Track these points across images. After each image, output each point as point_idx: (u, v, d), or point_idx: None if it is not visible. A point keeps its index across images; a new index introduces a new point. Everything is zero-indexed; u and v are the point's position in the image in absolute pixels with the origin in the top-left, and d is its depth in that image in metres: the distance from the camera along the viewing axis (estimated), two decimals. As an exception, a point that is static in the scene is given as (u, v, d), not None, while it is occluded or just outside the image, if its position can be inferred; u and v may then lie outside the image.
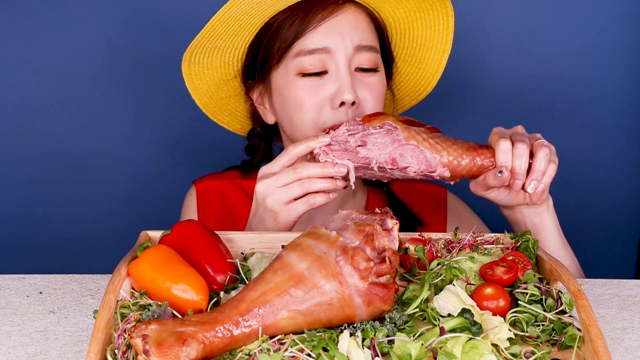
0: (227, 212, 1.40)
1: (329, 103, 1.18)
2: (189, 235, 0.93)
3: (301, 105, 1.19)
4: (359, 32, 1.20)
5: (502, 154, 1.05)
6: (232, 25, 1.19)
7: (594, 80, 1.74)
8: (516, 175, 1.05)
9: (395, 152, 1.06)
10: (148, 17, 1.70)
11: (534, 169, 1.04)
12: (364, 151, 1.06)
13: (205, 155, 1.79)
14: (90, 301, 1.00)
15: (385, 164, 1.06)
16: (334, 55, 1.18)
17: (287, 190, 1.08)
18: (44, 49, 1.70)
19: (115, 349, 0.76)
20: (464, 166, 1.07)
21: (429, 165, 1.06)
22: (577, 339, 0.82)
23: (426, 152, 1.06)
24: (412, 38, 1.30)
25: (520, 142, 1.05)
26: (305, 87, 1.19)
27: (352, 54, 1.18)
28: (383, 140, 1.06)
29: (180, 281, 0.84)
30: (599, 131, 1.77)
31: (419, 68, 1.34)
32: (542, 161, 1.04)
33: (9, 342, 0.90)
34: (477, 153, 1.07)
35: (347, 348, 0.76)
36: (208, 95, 1.33)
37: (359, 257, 0.80)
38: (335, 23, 1.18)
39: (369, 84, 1.20)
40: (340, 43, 1.18)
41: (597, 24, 1.71)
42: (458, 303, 0.85)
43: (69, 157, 1.78)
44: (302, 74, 1.19)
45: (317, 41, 1.18)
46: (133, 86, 1.74)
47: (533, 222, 1.15)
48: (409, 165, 1.06)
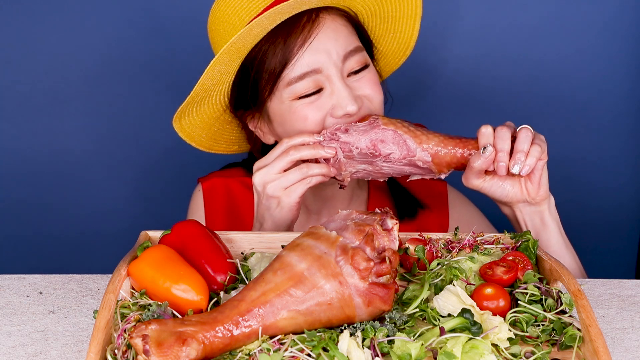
0: (233, 209, 1.40)
1: (330, 115, 1.18)
2: (189, 235, 0.93)
3: (305, 124, 1.19)
4: (342, 41, 1.19)
5: (484, 138, 1.07)
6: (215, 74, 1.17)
7: (594, 80, 1.74)
8: (498, 157, 1.06)
9: (375, 137, 1.10)
10: (148, 17, 1.70)
11: (516, 149, 1.06)
12: (344, 136, 1.11)
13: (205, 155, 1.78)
14: (90, 301, 1.00)
15: (367, 149, 1.10)
16: (325, 72, 1.17)
17: (286, 176, 1.11)
18: (44, 49, 1.70)
19: (115, 349, 0.76)
20: (447, 152, 1.09)
21: (409, 149, 1.10)
22: (577, 339, 0.82)
23: (405, 137, 1.10)
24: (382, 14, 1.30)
25: (502, 126, 1.07)
26: (304, 106, 1.18)
27: (342, 64, 1.18)
28: (364, 127, 1.11)
29: (180, 281, 0.84)
30: (599, 131, 1.77)
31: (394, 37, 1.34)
32: (524, 142, 1.05)
33: (9, 342, 0.90)
34: (460, 142, 1.10)
35: (347, 348, 0.76)
36: (202, 134, 1.34)
37: (359, 257, 0.80)
38: (317, 42, 1.17)
39: (363, 80, 1.21)
40: (326, 60, 1.17)
41: (597, 24, 1.71)
42: (458, 303, 0.85)
43: (69, 157, 1.78)
44: (298, 97, 1.18)
45: (305, 65, 1.16)
46: (133, 86, 1.74)
47: (534, 222, 1.15)
48: (391, 151, 1.10)
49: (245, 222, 1.39)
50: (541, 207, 1.14)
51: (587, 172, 1.80)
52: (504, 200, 1.14)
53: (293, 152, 1.11)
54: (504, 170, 1.07)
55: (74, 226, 1.82)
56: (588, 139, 1.78)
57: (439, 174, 1.12)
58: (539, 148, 1.06)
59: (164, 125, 1.78)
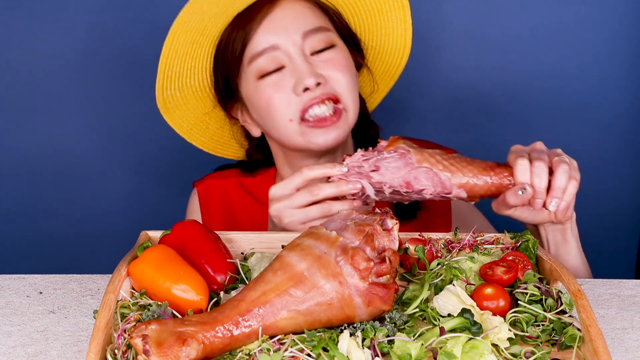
0: (229, 211, 1.41)
1: (293, 93, 1.20)
2: (189, 235, 0.93)
3: (270, 104, 1.22)
4: (301, 19, 1.22)
5: (520, 172, 1.02)
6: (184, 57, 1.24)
7: (594, 80, 1.74)
8: (536, 194, 1.02)
9: (409, 175, 1.05)
10: (148, 17, 1.70)
11: (553, 187, 1.02)
12: (377, 176, 1.05)
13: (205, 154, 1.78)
14: (90, 301, 1.00)
15: (399, 187, 1.05)
16: (284, 49, 1.20)
17: (306, 212, 1.07)
18: (44, 48, 1.70)
19: (115, 349, 0.76)
20: (481, 186, 1.05)
21: (444, 187, 1.05)
22: (577, 339, 0.82)
23: (440, 174, 1.04)
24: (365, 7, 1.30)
25: (538, 159, 1.03)
26: (267, 86, 1.21)
27: (302, 41, 1.21)
28: (396, 164, 1.06)
29: (180, 281, 0.84)
30: (599, 131, 1.77)
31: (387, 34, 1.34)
32: (562, 178, 1.02)
33: (9, 342, 0.90)
34: (495, 172, 1.05)
35: (347, 348, 0.76)
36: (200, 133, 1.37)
37: (359, 257, 0.80)
38: (274, 19, 1.21)
39: (328, 60, 1.22)
40: (285, 36, 1.20)
41: (597, 24, 1.71)
42: (458, 303, 0.85)
43: (69, 157, 1.78)
44: (261, 75, 1.21)
45: (263, 41, 1.21)
46: (133, 86, 1.74)
47: (556, 238, 1.13)
48: (424, 187, 1.05)
49: (241, 223, 1.39)
50: (565, 226, 1.12)
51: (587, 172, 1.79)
52: (531, 223, 1.12)
53: (317, 192, 1.07)
54: (540, 205, 1.04)
55: (74, 226, 1.82)
56: (588, 139, 1.78)
57: (472, 201, 1.09)
58: (576, 183, 1.03)
59: (164, 126, 1.78)
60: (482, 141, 1.77)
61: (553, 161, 1.04)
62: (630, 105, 1.76)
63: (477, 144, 1.76)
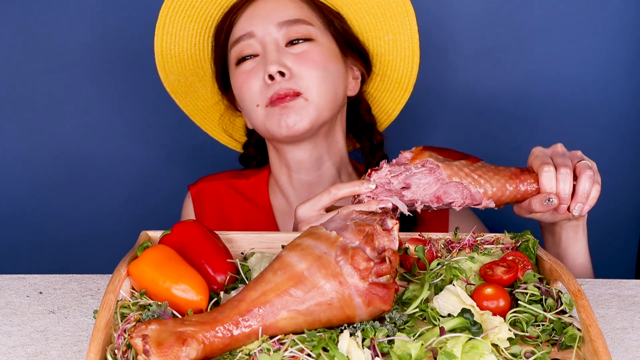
0: (222, 213, 1.41)
1: (263, 82, 1.24)
2: (189, 235, 0.93)
3: (242, 89, 1.26)
4: (281, 10, 1.25)
5: (547, 181, 1.04)
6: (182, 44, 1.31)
7: (594, 80, 1.74)
8: (561, 200, 1.04)
9: (440, 191, 1.05)
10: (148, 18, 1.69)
11: (577, 192, 1.04)
12: (409, 194, 1.05)
13: (204, 155, 1.79)
14: (90, 301, 1.00)
15: (430, 202, 1.06)
16: (259, 37, 1.24)
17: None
18: (44, 49, 1.70)
19: (115, 349, 0.76)
20: (508, 195, 1.07)
21: (474, 199, 1.06)
22: (577, 339, 0.82)
23: (470, 188, 1.05)
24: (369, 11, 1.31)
25: (563, 166, 1.04)
26: (241, 73, 1.26)
27: (277, 31, 1.24)
28: (426, 180, 1.06)
29: (180, 281, 0.84)
30: (599, 131, 1.77)
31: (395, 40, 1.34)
32: (587, 183, 1.03)
33: (9, 342, 0.90)
34: (520, 180, 1.07)
35: (347, 348, 0.76)
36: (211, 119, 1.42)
37: (359, 257, 0.80)
38: (254, 8, 1.26)
39: (300, 53, 1.24)
40: (260, 25, 1.24)
41: (597, 24, 1.71)
42: (458, 303, 0.85)
43: (68, 157, 1.78)
44: (238, 61, 1.27)
45: (241, 29, 1.26)
46: (133, 87, 1.74)
47: (569, 235, 1.15)
48: (454, 200, 1.06)
49: (235, 225, 1.39)
50: (579, 222, 1.14)
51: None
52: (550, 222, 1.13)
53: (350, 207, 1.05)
54: (564, 211, 1.06)
55: (74, 226, 1.82)
56: (588, 139, 1.78)
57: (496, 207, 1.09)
58: (599, 187, 1.05)
59: (163, 126, 1.78)
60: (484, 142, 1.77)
61: (576, 166, 1.05)
62: (631, 105, 1.76)
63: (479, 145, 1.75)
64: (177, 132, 1.78)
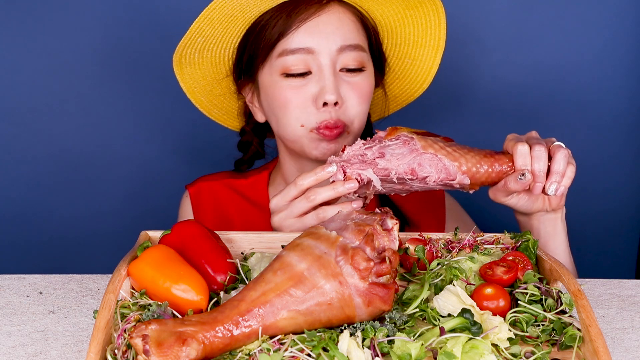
0: (220, 212, 1.41)
1: (312, 103, 1.20)
2: (189, 235, 0.93)
3: (286, 105, 1.21)
4: (343, 32, 1.20)
5: (521, 158, 1.04)
6: (217, 26, 1.21)
7: (594, 80, 1.74)
8: (536, 178, 1.04)
9: (414, 162, 1.04)
10: (148, 16, 1.70)
11: (553, 171, 1.03)
12: (382, 162, 1.04)
13: (204, 154, 1.79)
14: (90, 301, 1.00)
15: (404, 174, 1.04)
16: (317, 56, 1.19)
17: (303, 222, 1.07)
18: (44, 48, 1.70)
19: (115, 349, 0.76)
20: (482, 173, 1.05)
21: (448, 173, 1.04)
22: (577, 339, 0.82)
23: (444, 160, 1.04)
24: (404, 35, 1.30)
25: (537, 144, 1.04)
26: (289, 87, 1.20)
27: (336, 54, 1.19)
28: (400, 150, 1.04)
29: (180, 281, 0.84)
30: (599, 131, 1.77)
31: (413, 64, 1.34)
32: (561, 162, 1.03)
33: (9, 342, 0.90)
34: (495, 159, 1.06)
35: (347, 348, 0.76)
36: (203, 94, 1.35)
37: (359, 257, 0.80)
38: (317, 23, 1.19)
39: (354, 84, 1.21)
40: (322, 44, 1.19)
41: (597, 24, 1.71)
42: (458, 303, 0.85)
43: (68, 157, 1.78)
44: (286, 74, 1.20)
45: (300, 41, 1.19)
46: (133, 86, 1.74)
47: (547, 229, 1.14)
48: (429, 174, 1.04)
49: (234, 224, 1.39)
50: (557, 215, 1.14)
51: (587, 172, 1.80)
52: (526, 212, 1.13)
53: (313, 197, 1.05)
54: (539, 190, 1.05)
55: (74, 226, 1.82)
56: (588, 139, 1.78)
57: (470, 191, 1.09)
58: (574, 168, 1.05)
59: (164, 125, 1.78)
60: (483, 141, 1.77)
61: (551, 147, 1.06)
62: (630, 105, 1.76)
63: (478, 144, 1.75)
64: (177, 131, 1.78)
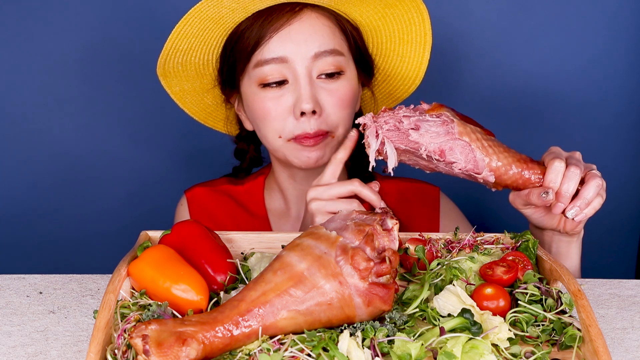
0: (215, 219, 1.40)
1: (291, 113, 1.19)
2: (189, 235, 0.93)
3: (265, 117, 1.21)
4: (317, 38, 1.18)
5: (553, 174, 1.01)
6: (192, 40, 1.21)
7: (594, 80, 1.74)
8: (561, 198, 1.01)
9: (446, 145, 1.01)
10: (147, 19, 1.70)
11: (580, 196, 1.00)
12: (415, 135, 1.01)
13: (204, 156, 1.79)
14: (90, 301, 1.00)
15: (432, 153, 1.02)
16: (292, 65, 1.18)
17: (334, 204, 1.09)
18: (43, 49, 1.70)
19: (115, 349, 0.76)
20: (510, 176, 1.04)
21: (476, 165, 1.02)
22: (577, 339, 0.82)
23: (476, 152, 1.02)
24: (388, 33, 1.28)
25: (574, 165, 1.02)
26: (267, 98, 1.19)
27: (312, 61, 1.18)
28: (437, 129, 1.02)
29: (180, 281, 0.84)
30: (598, 132, 1.77)
31: (402, 61, 1.32)
32: (592, 190, 1.00)
33: (9, 342, 0.90)
34: (528, 166, 1.04)
35: (347, 348, 0.76)
36: (194, 104, 1.35)
37: (359, 257, 0.80)
38: (290, 31, 1.17)
39: (332, 90, 1.20)
40: (295, 52, 1.17)
41: (596, 24, 1.71)
42: (458, 303, 0.85)
43: (68, 157, 1.78)
44: (263, 84, 1.19)
45: (273, 50, 1.17)
46: (133, 87, 1.74)
47: (559, 250, 1.13)
48: (456, 161, 1.02)
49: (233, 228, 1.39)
50: (572, 238, 1.12)
51: (587, 172, 1.80)
52: (538, 225, 1.12)
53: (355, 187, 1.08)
54: (559, 210, 1.02)
55: (73, 226, 1.82)
56: (587, 139, 1.78)
57: (492, 189, 1.07)
58: (602, 200, 1.02)
59: (163, 127, 1.79)
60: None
61: (587, 173, 1.03)
62: (630, 105, 1.76)
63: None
64: (177, 133, 1.78)
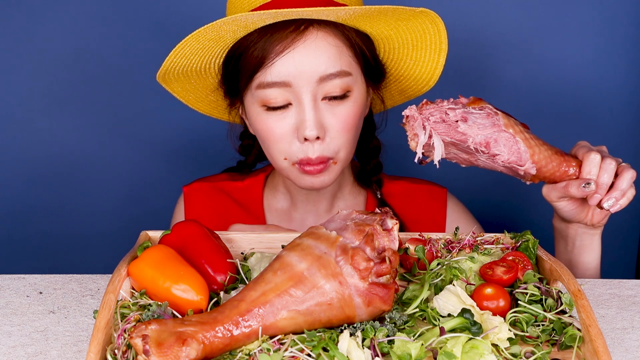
0: (214, 215, 1.40)
1: (295, 135, 1.17)
2: (189, 235, 0.93)
3: (268, 138, 1.19)
4: (323, 61, 1.13)
5: (590, 165, 1.04)
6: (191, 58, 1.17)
7: (594, 80, 1.74)
8: (598, 189, 1.04)
9: (492, 137, 1.02)
10: (146, 19, 1.70)
11: (616, 187, 1.04)
12: (463, 126, 1.01)
13: (204, 155, 1.79)
14: (90, 301, 1.00)
15: (479, 145, 1.02)
16: (295, 89, 1.14)
17: None
18: (43, 49, 1.70)
19: (115, 349, 0.76)
20: (549, 169, 1.05)
21: (520, 158, 1.03)
22: (577, 339, 0.82)
23: (520, 144, 1.02)
24: (401, 41, 1.24)
25: (609, 157, 1.05)
26: (270, 120, 1.17)
27: (316, 85, 1.14)
28: (483, 121, 1.02)
29: (180, 281, 0.84)
30: (598, 131, 1.77)
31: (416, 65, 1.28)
32: (627, 181, 1.04)
33: (9, 342, 0.90)
34: (565, 159, 1.06)
35: (347, 348, 0.76)
36: (199, 100, 1.33)
37: (359, 257, 0.80)
38: (294, 55, 1.12)
39: (337, 113, 1.17)
40: (299, 76, 1.13)
41: (597, 24, 1.71)
42: (458, 303, 0.85)
43: (68, 157, 1.78)
44: (266, 107, 1.16)
45: (277, 75, 1.13)
46: (133, 87, 1.74)
47: (583, 242, 1.15)
48: (500, 153, 1.02)
49: (225, 227, 1.38)
50: (596, 231, 1.14)
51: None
52: (567, 218, 1.13)
53: None
54: (596, 201, 1.05)
55: (73, 226, 1.82)
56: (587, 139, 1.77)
57: (527, 182, 1.08)
58: (634, 191, 1.06)
59: (164, 126, 1.79)
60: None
61: (620, 165, 1.06)
62: (631, 105, 1.76)
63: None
64: (178, 132, 1.78)
